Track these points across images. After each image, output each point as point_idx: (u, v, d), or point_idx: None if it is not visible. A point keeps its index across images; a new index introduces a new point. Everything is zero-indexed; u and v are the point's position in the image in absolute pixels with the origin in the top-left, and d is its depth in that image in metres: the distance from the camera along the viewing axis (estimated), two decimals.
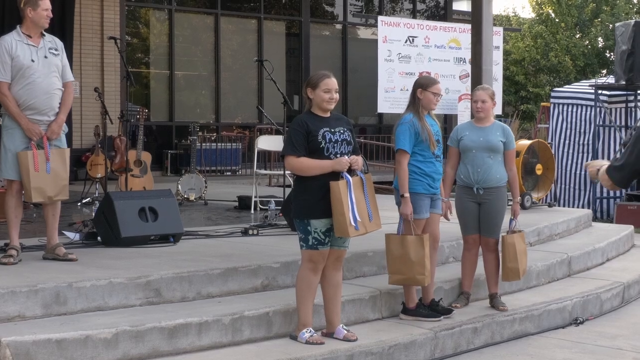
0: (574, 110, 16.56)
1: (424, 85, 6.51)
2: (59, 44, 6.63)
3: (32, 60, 6.36)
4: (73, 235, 7.45)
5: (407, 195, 6.31)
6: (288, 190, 9.20)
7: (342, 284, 5.97)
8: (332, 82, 5.70)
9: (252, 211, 10.13)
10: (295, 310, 5.87)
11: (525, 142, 11.60)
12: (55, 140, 6.46)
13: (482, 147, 6.86)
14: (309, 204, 5.63)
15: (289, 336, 5.84)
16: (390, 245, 6.39)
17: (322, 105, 5.71)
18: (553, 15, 29.34)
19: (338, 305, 5.90)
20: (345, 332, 5.85)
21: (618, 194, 15.70)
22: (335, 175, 5.62)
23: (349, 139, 5.74)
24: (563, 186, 16.40)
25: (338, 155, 5.66)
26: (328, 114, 5.76)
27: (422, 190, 6.41)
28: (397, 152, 6.41)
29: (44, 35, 6.53)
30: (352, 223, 5.55)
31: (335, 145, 5.66)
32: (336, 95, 5.72)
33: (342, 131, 5.72)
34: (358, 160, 5.69)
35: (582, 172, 16.14)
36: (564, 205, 15.69)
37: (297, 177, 5.77)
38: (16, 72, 6.34)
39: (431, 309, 6.54)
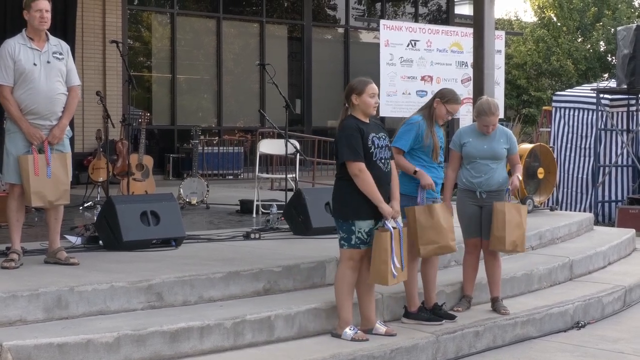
0: (576, 114, 16.55)
1: (448, 99, 6.49)
2: (65, 47, 6.58)
3: (34, 64, 6.33)
4: (75, 239, 7.45)
5: (418, 169, 6.29)
6: (290, 194, 9.20)
7: None
8: (375, 87, 5.90)
9: (254, 215, 10.11)
10: (297, 313, 5.91)
11: (527, 146, 11.59)
12: (58, 144, 6.46)
13: (486, 156, 6.84)
14: (356, 206, 5.77)
15: (330, 334, 5.94)
16: (418, 217, 6.31)
17: (367, 110, 5.86)
18: (555, 19, 29.33)
19: (374, 302, 6.11)
20: (386, 327, 6.05)
21: (620, 197, 15.70)
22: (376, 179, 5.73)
23: (388, 144, 5.96)
24: (565, 190, 16.38)
25: (382, 161, 5.82)
26: (368, 120, 5.89)
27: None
28: (393, 149, 6.22)
29: (49, 39, 6.51)
30: (393, 272, 5.75)
31: (381, 150, 5.84)
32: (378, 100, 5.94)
33: (384, 137, 5.91)
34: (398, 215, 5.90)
35: (584, 176, 16.14)
36: (565, 209, 15.66)
37: (344, 179, 5.82)
38: (18, 76, 6.32)
39: (433, 313, 6.54)
